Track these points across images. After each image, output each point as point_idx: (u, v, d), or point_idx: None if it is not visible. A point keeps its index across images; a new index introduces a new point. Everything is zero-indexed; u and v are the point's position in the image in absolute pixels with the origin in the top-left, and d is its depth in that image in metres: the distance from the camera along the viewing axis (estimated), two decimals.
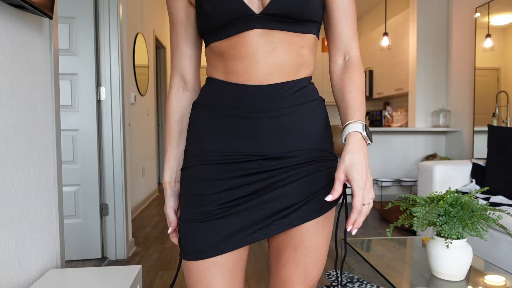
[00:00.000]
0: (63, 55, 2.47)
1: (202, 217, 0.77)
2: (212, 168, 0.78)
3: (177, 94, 0.89)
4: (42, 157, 1.29)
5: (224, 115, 0.79)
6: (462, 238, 1.26)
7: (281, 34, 0.77)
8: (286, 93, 0.78)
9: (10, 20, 1.11)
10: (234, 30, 0.76)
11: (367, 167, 0.72)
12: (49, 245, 1.33)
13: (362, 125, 0.75)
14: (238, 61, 0.78)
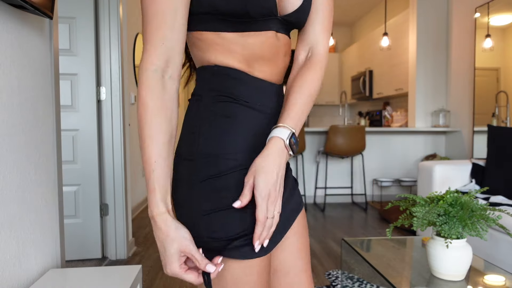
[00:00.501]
0: (63, 55, 2.47)
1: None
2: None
3: (162, 81, 0.66)
4: (42, 157, 1.29)
5: (259, 111, 0.74)
6: (462, 238, 1.26)
7: (287, 39, 0.79)
8: (282, 94, 0.81)
9: (10, 20, 1.11)
10: (256, 26, 0.71)
11: (278, 178, 0.67)
12: (50, 245, 1.33)
13: (289, 132, 0.69)
14: (263, 61, 0.75)
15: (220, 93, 0.72)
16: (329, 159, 4.50)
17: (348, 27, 7.82)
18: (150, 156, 0.64)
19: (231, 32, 0.70)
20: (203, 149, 0.69)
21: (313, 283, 0.86)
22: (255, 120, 0.73)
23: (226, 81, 0.73)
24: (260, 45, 0.73)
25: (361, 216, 3.90)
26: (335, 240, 3.07)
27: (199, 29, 0.72)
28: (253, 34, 0.72)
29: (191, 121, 0.73)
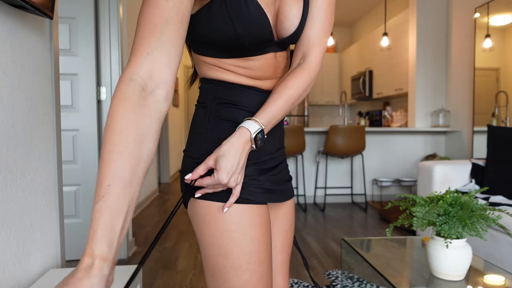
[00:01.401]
0: (63, 55, 2.47)
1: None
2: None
3: (141, 94, 0.55)
4: (42, 157, 1.29)
5: None
6: (462, 238, 1.26)
7: (284, 54, 0.85)
8: None
9: (10, 21, 1.11)
10: (255, 52, 0.77)
11: (238, 167, 0.72)
12: (50, 245, 1.34)
13: (258, 127, 0.72)
14: (267, 80, 0.82)
15: (222, 101, 0.78)
16: (329, 159, 4.51)
17: (348, 27, 7.82)
18: (103, 178, 0.49)
19: (232, 59, 0.76)
20: (210, 149, 0.75)
21: (288, 277, 0.96)
22: None
23: (229, 91, 0.79)
24: (260, 66, 0.79)
25: (361, 216, 3.90)
26: (335, 240, 3.07)
27: (201, 53, 0.78)
28: (253, 58, 0.77)
29: (198, 125, 0.80)
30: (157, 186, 5.18)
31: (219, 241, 0.74)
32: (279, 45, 0.81)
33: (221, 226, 0.74)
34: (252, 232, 0.75)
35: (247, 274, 0.74)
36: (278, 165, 0.87)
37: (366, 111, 6.54)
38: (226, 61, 0.77)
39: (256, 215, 0.76)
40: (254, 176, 0.79)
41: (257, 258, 0.75)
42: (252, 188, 0.78)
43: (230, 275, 0.74)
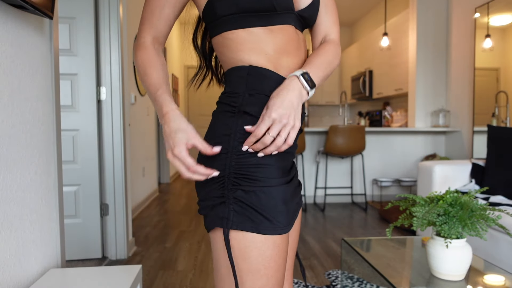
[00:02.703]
0: (63, 55, 2.47)
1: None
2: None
3: (152, 46, 0.82)
4: (42, 157, 1.29)
5: None
6: (462, 238, 1.26)
7: (302, 36, 0.86)
8: None
9: (10, 20, 1.11)
10: (280, 19, 0.78)
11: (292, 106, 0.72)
12: (50, 245, 1.34)
13: (301, 71, 0.76)
14: (290, 56, 0.81)
15: (257, 92, 0.77)
16: (329, 159, 4.51)
17: (348, 27, 7.82)
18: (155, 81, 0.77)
19: (258, 27, 0.77)
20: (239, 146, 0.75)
21: (293, 280, 0.97)
22: None
23: (262, 80, 0.77)
24: (286, 39, 0.79)
25: (361, 216, 3.90)
26: (335, 240, 3.07)
27: (228, 29, 0.78)
28: (278, 29, 0.78)
29: (227, 118, 0.77)
30: (157, 186, 5.18)
31: (239, 243, 0.73)
32: (298, 21, 0.82)
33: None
34: (274, 236, 0.74)
35: (264, 280, 0.73)
36: (292, 167, 0.85)
37: (366, 111, 6.54)
38: (254, 31, 0.77)
39: None
40: (282, 195, 0.76)
41: (275, 264, 0.74)
42: (281, 217, 0.75)
43: (245, 279, 0.72)
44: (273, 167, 0.76)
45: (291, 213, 0.78)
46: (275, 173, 0.76)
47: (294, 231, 0.92)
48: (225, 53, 0.81)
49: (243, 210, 0.73)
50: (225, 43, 0.79)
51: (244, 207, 0.73)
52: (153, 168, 4.96)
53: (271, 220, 0.73)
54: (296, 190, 0.84)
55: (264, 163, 0.75)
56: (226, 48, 0.80)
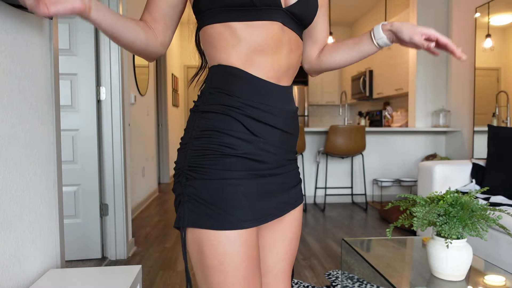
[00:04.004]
0: (63, 55, 2.47)
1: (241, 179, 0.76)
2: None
3: (144, 22, 0.82)
4: (42, 157, 1.29)
5: (258, 109, 0.79)
6: (462, 238, 1.26)
7: (294, 36, 0.83)
8: (290, 96, 0.85)
9: (10, 20, 1.11)
10: (262, 15, 0.76)
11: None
12: (49, 245, 1.33)
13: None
14: (264, 54, 0.78)
15: (218, 90, 0.78)
16: (329, 159, 4.50)
17: (348, 27, 7.82)
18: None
19: (237, 22, 0.76)
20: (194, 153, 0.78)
21: (290, 285, 0.94)
22: (247, 119, 0.77)
23: (225, 79, 0.78)
24: (264, 36, 0.77)
25: (361, 216, 3.90)
26: (335, 240, 3.07)
27: (208, 23, 0.79)
28: (259, 24, 0.76)
29: (191, 117, 0.81)
30: (157, 186, 5.18)
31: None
32: (288, 18, 0.79)
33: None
34: (228, 232, 0.73)
35: (220, 276, 0.73)
36: (278, 167, 0.83)
37: (366, 111, 6.54)
38: (233, 25, 0.76)
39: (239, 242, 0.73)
40: (242, 189, 0.74)
41: (231, 260, 0.72)
42: (240, 212, 0.73)
43: (206, 275, 0.74)
44: (232, 159, 0.75)
45: (260, 210, 0.77)
46: (234, 166, 0.75)
47: (291, 232, 0.90)
48: (206, 49, 0.82)
49: (195, 207, 0.73)
50: (205, 38, 0.81)
51: (196, 204, 0.73)
52: (153, 168, 4.96)
53: (223, 214, 0.72)
54: (281, 187, 0.83)
55: (221, 154, 0.75)
56: (206, 44, 0.81)
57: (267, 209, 0.79)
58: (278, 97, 0.80)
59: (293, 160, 0.89)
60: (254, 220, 0.75)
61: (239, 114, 0.76)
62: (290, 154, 0.86)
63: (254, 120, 0.77)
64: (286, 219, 0.89)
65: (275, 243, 0.89)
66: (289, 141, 0.84)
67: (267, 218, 0.79)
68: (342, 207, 4.29)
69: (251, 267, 0.74)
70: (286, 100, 0.83)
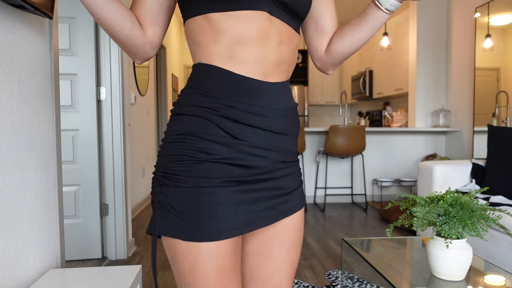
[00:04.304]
0: (63, 55, 2.47)
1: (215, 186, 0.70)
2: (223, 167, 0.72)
3: (136, 22, 0.76)
4: (42, 157, 1.29)
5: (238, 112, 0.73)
6: (462, 238, 1.26)
7: (286, 27, 0.75)
8: (283, 93, 0.78)
9: (10, 20, 1.11)
10: (245, 4, 0.69)
11: None
12: (49, 245, 1.33)
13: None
14: (247, 46, 0.71)
15: (195, 90, 0.73)
16: (329, 159, 4.50)
17: None
18: None
19: (217, 13, 0.70)
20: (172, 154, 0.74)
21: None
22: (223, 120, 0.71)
23: (204, 77, 0.73)
24: (248, 26, 0.70)
25: (361, 216, 3.90)
26: (335, 240, 3.07)
27: (190, 15, 0.74)
28: (242, 14, 0.70)
29: (169, 120, 0.78)
30: None
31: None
32: (277, 7, 0.73)
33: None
34: (199, 243, 0.69)
35: (189, 286, 0.71)
36: (272, 171, 0.75)
37: (366, 111, 6.54)
38: (213, 16, 0.71)
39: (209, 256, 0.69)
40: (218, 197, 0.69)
41: (201, 272, 0.69)
42: (213, 223, 0.68)
43: (178, 283, 0.73)
44: (208, 165, 0.70)
45: (243, 218, 0.71)
46: (210, 172, 0.70)
47: (289, 240, 0.83)
48: (189, 46, 0.78)
49: (166, 215, 0.70)
50: (188, 34, 0.76)
51: (167, 213, 0.70)
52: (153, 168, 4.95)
53: (195, 225, 0.68)
54: (276, 193, 0.77)
55: (197, 160, 0.70)
56: (189, 40, 0.77)
57: (253, 217, 0.73)
58: (265, 95, 0.74)
59: (291, 162, 0.81)
60: (231, 231, 0.70)
61: (215, 115, 0.71)
62: (287, 156, 0.79)
63: (233, 121, 0.71)
64: (283, 224, 0.82)
65: (271, 251, 0.82)
66: (283, 142, 0.77)
67: (253, 226, 0.73)
68: (342, 207, 4.29)
69: (223, 279, 0.70)
70: (276, 97, 0.75)
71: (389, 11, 0.76)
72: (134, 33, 0.75)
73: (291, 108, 0.80)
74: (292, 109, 0.80)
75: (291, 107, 0.80)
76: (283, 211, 0.79)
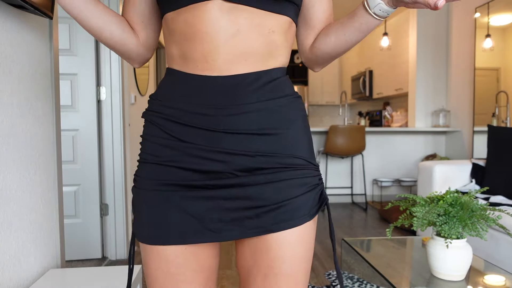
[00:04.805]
0: (63, 55, 2.47)
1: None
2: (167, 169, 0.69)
3: (127, 26, 0.76)
4: (42, 157, 1.29)
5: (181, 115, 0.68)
6: (462, 238, 1.26)
7: (247, 12, 0.64)
8: (250, 87, 0.66)
9: (10, 20, 1.11)
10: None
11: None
12: (49, 245, 1.33)
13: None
14: (194, 43, 0.65)
15: (151, 96, 0.74)
16: (329, 159, 4.50)
17: None
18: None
19: (170, 12, 0.68)
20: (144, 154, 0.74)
21: None
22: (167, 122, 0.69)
23: (160, 82, 0.74)
24: (191, 21, 0.65)
25: (361, 216, 3.90)
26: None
27: (161, 19, 0.75)
28: (188, 10, 0.65)
29: None
30: None
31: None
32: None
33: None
34: (149, 246, 0.69)
35: (151, 286, 0.73)
36: (236, 177, 0.65)
37: (366, 111, 6.54)
38: (167, 18, 0.69)
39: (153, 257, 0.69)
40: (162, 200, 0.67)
41: (154, 275, 0.70)
42: (153, 226, 0.68)
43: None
44: (155, 167, 0.68)
45: (189, 226, 0.66)
46: (156, 174, 0.68)
47: (276, 268, 0.67)
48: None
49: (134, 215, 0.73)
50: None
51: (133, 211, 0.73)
52: None
53: (140, 225, 0.70)
54: (242, 203, 0.66)
55: (146, 162, 0.70)
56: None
57: (201, 228, 0.66)
58: (216, 91, 0.65)
59: (272, 169, 0.66)
60: (172, 238, 0.66)
61: (158, 117, 0.69)
62: (269, 161, 0.66)
63: (174, 122, 0.67)
64: (270, 245, 0.66)
65: (256, 277, 0.68)
66: (260, 144, 0.66)
67: (200, 238, 0.66)
68: (342, 207, 4.29)
69: (168, 283, 0.69)
70: (240, 92, 0.65)
71: (378, 16, 0.65)
72: (125, 37, 0.74)
73: (272, 100, 0.67)
74: (274, 102, 0.68)
75: (274, 98, 0.68)
76: (254, 227, 0.66)
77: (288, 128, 0.69)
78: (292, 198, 0.66)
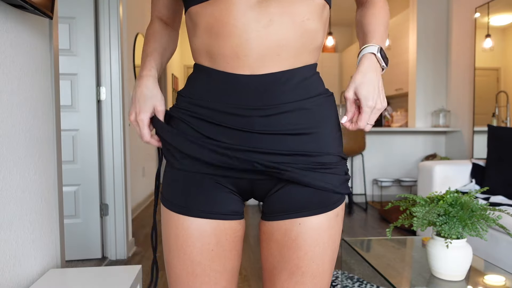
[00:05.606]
0: (63, 55, 2.47)
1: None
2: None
3: (161, 25, 0.82)
4: (42, 157, 1.29)
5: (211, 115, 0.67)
6: (462, 238, 1.26)
7: (277, 0, 0.61)
8: (284, 86, 0.65)
9: (10, 20, 1.11)
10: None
11: (379, 89, 0.67)
12: (49, 245, 1.33)
13: (377, 47, 0.69)
14: (223, 38, 0.62)
15: (182, 93, 0.73)
16: None
17: (348, 27, 7.82)
18: (149, 49, 0.77)
19: (195, 6, 0.65)
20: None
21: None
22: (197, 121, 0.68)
23: (188, 78, 0.74)
24: (218, 13, 0.62)
25: (361, 216, 3.90)
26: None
27: (185, 12, 0.74)
28: (215, 2, 0.62)
29: None
30: None
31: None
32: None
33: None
34: (166, 242, 0.78)
35: (165, 248, 0.80)
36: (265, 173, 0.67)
37: None
38: (192, 11, 0.67)
39: (172, 225, 0.77)
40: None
41: (171, 241, 0.77)
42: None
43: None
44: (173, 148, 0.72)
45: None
46: (175, 155, 0.72)
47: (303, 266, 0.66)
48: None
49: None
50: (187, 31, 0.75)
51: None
52: (153, 168, 4.96)
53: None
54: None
55: (171, 142, 0.72)
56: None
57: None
58: (253, 92, 0.64)
59: (322, 164, 0.67)
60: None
61: (189, 116, 0.69)
62: (304, 160, 0.66)
63: (208, 122, 0.67)
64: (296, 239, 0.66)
65: (280, 274, 0.68)
66: (289, 144, 0.65)
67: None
68: None
69: (192, 283, 0.74)
70: (269, 93, 0.64)
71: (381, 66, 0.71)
72: (175, 39, 0.85)
73: (307, 99, 0.67)
74: (309, 101, 0.67)
75: (308, 98, 0.67)
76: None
77: (323, 126, 0.68)
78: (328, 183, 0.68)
